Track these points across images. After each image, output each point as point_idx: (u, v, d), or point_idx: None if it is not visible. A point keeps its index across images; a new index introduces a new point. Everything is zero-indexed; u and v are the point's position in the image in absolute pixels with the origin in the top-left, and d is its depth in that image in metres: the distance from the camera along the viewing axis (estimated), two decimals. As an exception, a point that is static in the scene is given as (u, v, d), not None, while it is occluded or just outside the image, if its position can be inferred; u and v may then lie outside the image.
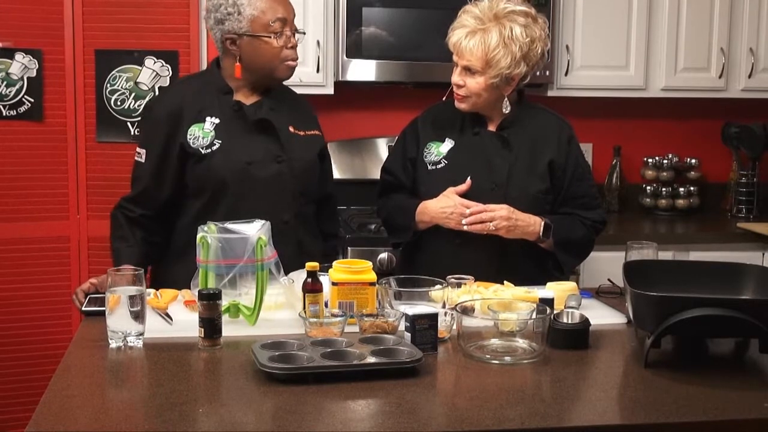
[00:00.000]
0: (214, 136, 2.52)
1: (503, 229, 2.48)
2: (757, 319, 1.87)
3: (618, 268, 2.14)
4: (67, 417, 1.63)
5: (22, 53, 3.32)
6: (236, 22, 2.49)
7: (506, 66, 2.48)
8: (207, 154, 2.51)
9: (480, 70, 2.49)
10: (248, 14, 2.48)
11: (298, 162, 2.58)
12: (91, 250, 3.41)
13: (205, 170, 2.51)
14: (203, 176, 2.52)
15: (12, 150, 3.36)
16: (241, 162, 2.51)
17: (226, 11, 2.49)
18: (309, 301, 2.13)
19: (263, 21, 2.49)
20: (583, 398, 1.82)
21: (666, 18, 3.86)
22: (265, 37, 2.49)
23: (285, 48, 2.52)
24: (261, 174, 2.52)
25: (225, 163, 2.50)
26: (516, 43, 2.47)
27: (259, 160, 2.53)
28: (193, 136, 2.51)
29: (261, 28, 2.49)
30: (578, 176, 2.63)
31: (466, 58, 2.49)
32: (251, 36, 2.49)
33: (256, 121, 2.54)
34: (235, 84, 2.57)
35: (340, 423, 1.63)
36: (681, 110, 4.23)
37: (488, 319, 2.05)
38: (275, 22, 2.49)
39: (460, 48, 2.50)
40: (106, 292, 2.00)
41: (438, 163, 2.62)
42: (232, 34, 2.50)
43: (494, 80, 2.50)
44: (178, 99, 2.58)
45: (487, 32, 2.47)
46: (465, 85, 2.52)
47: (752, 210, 4.07)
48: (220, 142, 2.51)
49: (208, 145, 2.51)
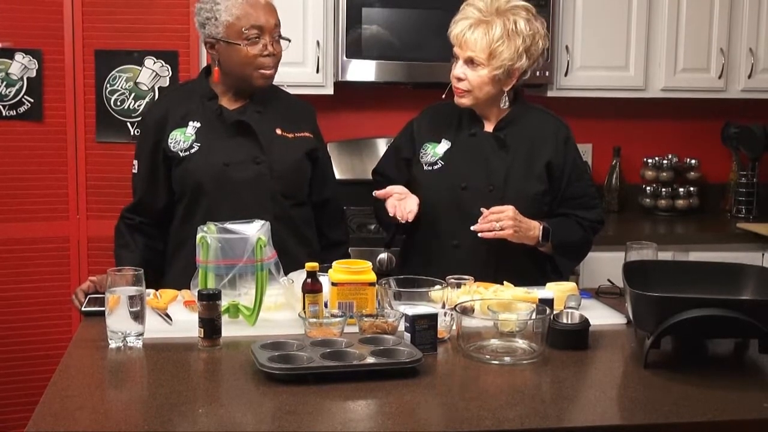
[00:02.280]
0: (194, 140, 2.52)
1: (510, 229, 2.45)
2: (756, 319, 1.87)
3: (618, 268, 2.15)
4: (66, 417, 1.63)
5: (22, 53, 3.32)
6: (214, 27, 2.49)
7: (509, 58, 2.47)
8: (185, 157, 2.52)
9: (483, 62, 2.48)
10: (223, 20, 2.47)
11: (279, 164, 2.56)
12: (91, 250, 3.41)
13: (183, 172, 2.52)
14: (182, 179, 2.53)
15: (12, 150, 3.35)
16: (219, 164, 2.51)
17: (206, 15, 2.50)
18: (309, 302, 2.13)
19: (237, 28, 2.47)
20: (583, 399, 1.82)
21: (666, 18, 3.86)
22: (236, 44, 2.48)
23: (260, 56, 2.50)
24: (239, 176, 2.52)
25: (202, 166, 2.51)
26: (519, 36, 2.47)
27: (237, 162, 2.52)
28: (174, 140, 2.53)
29: (235, 35, 2.48)
30: (576, 176, 2.63)
31: (470, 49, 2.48)
32: (226, 42, 2.49)
33: (234, 123, 2.54)
34: (221, 89, 2.58)
35: (340, 423, 1.63)
36: (681, 111, 4.23)
37: (488, 320, 2.05)
38: (250, 29, 2.47)
39: (464, 39, 2.49)
40: (106, 293, 2.00)
41: (434, 164, 2.61)
42: (210, 38, 2.51)
43: (497, 72, 2.49)
44: (165, 107, 2.60)
45: (491, 24, 2.47)
46: (466, 79, 2.52)
47: (752, 210, 4.07)
48: (199, 145, 2.52)
49: (187, 148, 2.52)
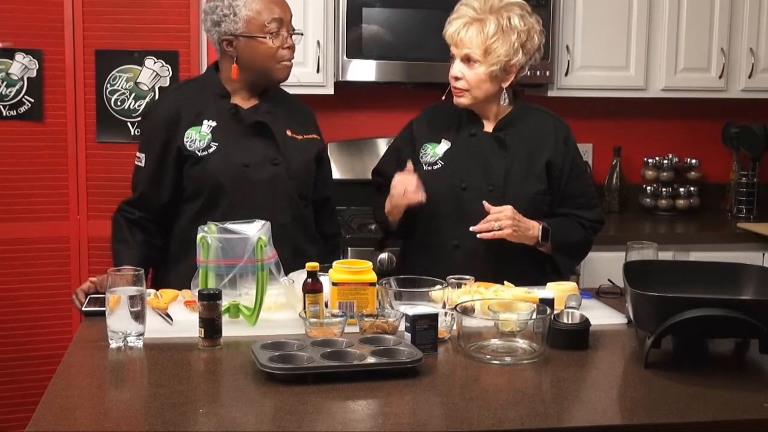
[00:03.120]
0: (210, 139, 2.52)
1: (509, 229, 2.46)
2: (757, 319, 1.87)
3: (618, 268, 2.14)
4: (67, 417, 1.63)
5: (23, 53, 3.32)
6: (232, 23, 2.49)
7: (505, 54, 2.48)
8: (203, 157, 2.51)
9: (479, 58, 2.49)
10: (244, 15, 2.48)
11: (295, 165, 2.58)
12: (91, 250, 3.41)
13: (201, 172, 2.51)
14: (200, 178, 2.52)
15: (12, 150, 3.35)
16: (238, 164, 2.51)
17: (222, 13, 2.50)
18: (309, 302, 2.13)
19: (259, 22, 2.49)
20: (583, 398, 1.82)
21: (666, 18, 3.86)
22: (260, 37, 2.50)
23: (281, 48, 2.52)
24: (257, 176, 2.52)
25: (221, 166, 2.51)
26: (514, 32, 2.49)
27: (255, 163, 2.53)
28: (190, 139, 2.52)
29: (257, 29, 2.49)
30: (575, 176, 2.63)
31: (466, 47, 2.50)
32: (247, 37, 2.50)
33: (252, 124, 2.55)
34: (233, 87, 2.58)
35: (340, 423, 1.63)
36: (681, 110, 4.23)
37: (488, 320, 2.05)
38: (271, 23, 2.50)
39: (459, 37, 2.50)
40: (106, 293, 1.99)
41: (434, 164, 2.62)
42: (228, 35, 2.51)
43: (493, 68, 2.50)
44: (176, 103, 2.58)
45: (485, 21, 2.49)
46: (464, 77, 2.52)
47: (752, 210, 4.07)
48: (217, 145, 2.52)
49: (205, 147, 2.51)
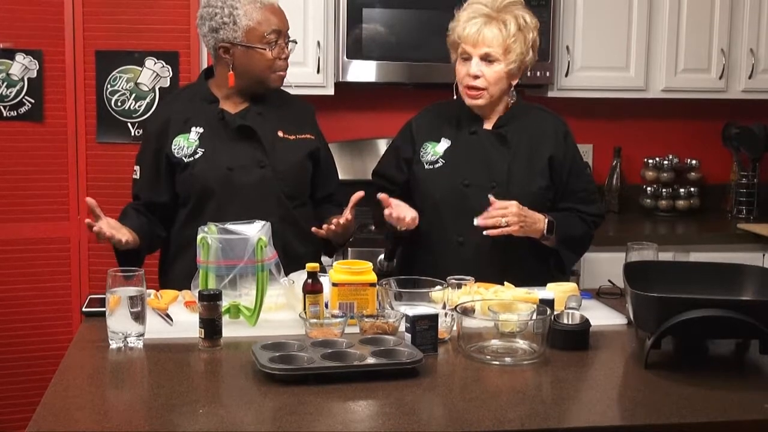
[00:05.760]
0: (197, 145, 2.53)
1: (515, 225, 2.45)
2: (757, 320, 1.87)
3: (618, 268, 2.15)
4: (67, 417, 1.63)
5: (23, 54, 3.32)
6: (231, 31, 2.49)
7: (521, 52, 2.52)
8: (190, 162, 2.52)
9: (499, 57, 2.50)
10: (244, 24, 2.48)
11: (284, 166, 2.57)
12: (92, 250, 3.41)
13: (189, 177, 2.53)
14: (188, 183, 2.53)
15: (12, 151, 3.36)
16: (223, 168, 2.51)
17: (222, 20, 2.49)
18: (309, 302, 2.13)
19: (259, 32, 2.49)
20: (584, 399, 1.82)
21: (666, 19, 3.86)
22: (259, 48, 2.49)
23: (278, 59, 2.52)
24: (244, 180, 2.52)
25: (207, 170, 2.51)
26: (528, 30, 2.53)
27: (241, 166, 2.53)
28: (178, 146, 2.53)
29: (256, 39, 2.49)
30: (576, 171, 2.65)
31: (487, 45, 2.50)
32: (246, 46, 2.49)
33: (238, 128, 2.54)
34: (224, 92, 2.58)
35: (340, 424, 1.63)
36: (681, 111, 4.23)
37: (488, 320, 2.05)
38: (270, 34, 2.49)
39: (480, 36, 2.50)
40: (107, 293, 2.00)
41: (435, 162, 2.62)
42: (226, 43, 2.50)
43: (512, 66, 2.52)
44: (166, 113, 2.60)
45: (504, 20, 2.50)
46: (483, 76, 2.52)
47: (752, 211, 4.07)
48: (203, 150, 2.52)
49: (192, 153, 2.52)
